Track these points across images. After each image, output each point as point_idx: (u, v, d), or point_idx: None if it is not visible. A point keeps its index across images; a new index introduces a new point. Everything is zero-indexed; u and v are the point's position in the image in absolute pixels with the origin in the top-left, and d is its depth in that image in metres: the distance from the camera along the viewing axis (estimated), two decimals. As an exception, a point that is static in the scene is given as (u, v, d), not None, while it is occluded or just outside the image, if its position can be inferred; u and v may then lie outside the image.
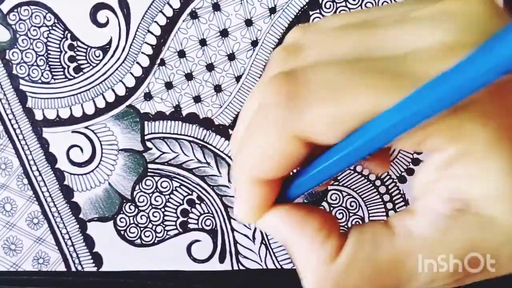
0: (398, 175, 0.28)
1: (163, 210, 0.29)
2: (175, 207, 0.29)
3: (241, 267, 0.29)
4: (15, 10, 0.28)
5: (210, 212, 0.29)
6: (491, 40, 0.11)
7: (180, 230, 0.29)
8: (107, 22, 0.28)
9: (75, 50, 0.28)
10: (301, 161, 0.15)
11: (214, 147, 0.29)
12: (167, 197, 0.29)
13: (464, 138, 0.13)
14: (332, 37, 0.15)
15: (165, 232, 0.29)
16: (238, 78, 0.28)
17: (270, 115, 0.15)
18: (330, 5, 0.27)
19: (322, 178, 0.16)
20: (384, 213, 0.28)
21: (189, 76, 0.28)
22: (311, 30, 0.17)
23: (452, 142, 0.13)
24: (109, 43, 0.28)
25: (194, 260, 0.29)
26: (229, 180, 0.29)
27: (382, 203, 0.28)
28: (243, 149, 0.16)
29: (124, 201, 0.29)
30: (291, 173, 0.16)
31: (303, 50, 0.16)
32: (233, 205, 0.29)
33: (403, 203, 0.28)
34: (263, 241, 0.29)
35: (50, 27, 0.28)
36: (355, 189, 0.29)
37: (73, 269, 0.30)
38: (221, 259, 0.29)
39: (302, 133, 0.14)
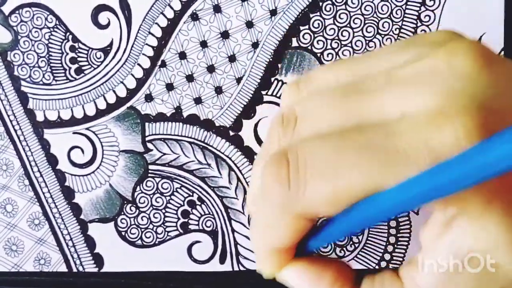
0: (398, 176, 0.28)
1: (163, 211, 0.29)
2: (176, 208, 0.29)
3: (241, 268, 0.29)
4: (17, 12, 0.28)
5: (211, 213, 0.29)
6: (491, 139, 0.12)
7: (181, 231, 0.29)
8: (108, 24, 0.28)
9: (77, 51, 0.29)
10: (309, 229, 0.16)
11: (215, 148, 0.29)
12: (167, 198, 0.29)
13: (459, 202, 0.13)
14: (325, 106, 0.16)
15: (166, 233, 0.29)
16: (238, 80, 0.28)
17: (271, 197, 0.15)
18: (330, 8, 0.27)
19: (332, 239, 0.18)
20: (386, 226, 0.29)
21: (190, 78, 0.28)
22: (304, 94, 0.17)
23: (449, 205, 0.13)
24: (110, 44, 0.28)
25: (195, 261, 0.29)
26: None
27: (382, 204, 0.29)
28: (255, 222, 0.17)
29: (125, 202, 0.29)
30: None
31: (299, 123, 0.16)
32: (234, 206, 0.29)
33: (406, 217, 0.28)
34: (264, 242, 0.29)
35: (52, 29, 0.28)
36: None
37: (74, 269, 0.30)
38: (222, 260, 0.29)
39: (303, 211, 0.15)
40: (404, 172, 0.13)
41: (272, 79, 0.28)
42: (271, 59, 0.28)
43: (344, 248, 0.29)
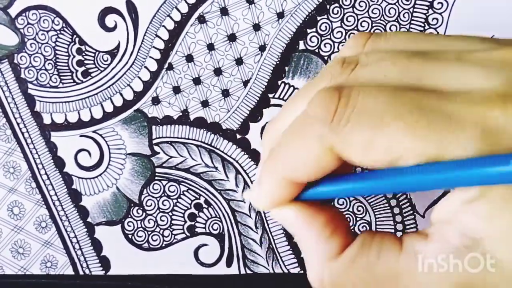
0: (405, 180, 0.28)
1: (170, 214, 0.29)
2: (183, 211, 0.29)
3: (248, 272, 0.29)
4: (23, 14, 0.28)
5: (218, 216, 0.29)
6: None
7: (188, 234, 0.29)
8: (115, 27, 0.28)
9: (83, 54, 0.28)
10: (330, 172, 0.16)
11: (222, 151, 0.29)
12: (174, 201, 0.29)
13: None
14: (389, 59, 0.16)
15: (173, 236, 0.29)
16: (245, 83, 0.28)
17: (313, 127, 0.16)
18: (337, 10, 0.27)
19: (348, 194, 0.17)
20: (391, 218, 0.29)
21: (197, 81, 0.28)
22: (371, 46, 0.18)
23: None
24: (117, 47, 0.28)
25: (201, 264, 0.29)
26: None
27: (389, 208, 0.29)
28: (281, 148, 0.17)
29: (132, 205, 0.29)
30: None
31: (359, 67, 0.16)
32: (240, 209, 0.29)
33: (410, 208, 0.28)
34: (270, 246, 0.29)
35: (58, 31, 0.28)
36: (362, 194, 0.29)
37: (81, 272, 0.30)
38: (228, 263, 0.29)
39: (339, 149, 0.15)
40: (454, 142, 0.13)
41: (279, 82, 0.28)
42: (278, 62, 0.28)
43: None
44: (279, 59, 0.28)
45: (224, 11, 0.28)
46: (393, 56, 0.16)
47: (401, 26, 0.27)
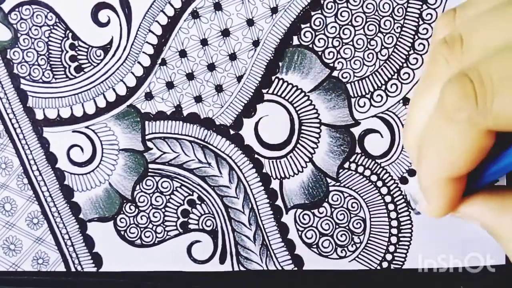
0: (399, 176, 0.28)
1: (163, 210, 0.29)
2: (176, 207, 0.29)
3: (241, 268, 0.29)
4: (17, 10, 0.28)
5: (211, 212, 0.29)
6: None
7: (181, 230, 0.29)
8: (108, 22, 0.28)
9: (76, 49, 0.28)
10: (487, 152, 0.16)
11: (215, 147, 0.29)
12: (167, 197, 0.29)
13: None
14: (494, 21, 0.16)
15: (166, 232, 0.29)
16: (239, 78, 0.28)
17: (457, 114, 0.16)
18: (331, 5, 0.27)
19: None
20: (386, 214, 0.28)
21: (190, 76, 0.28)
22: (462, 16, 0.17)
23: None
24: (110, 42, 0.28)
25: (195, 260, 0.29)
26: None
27: (383, 204, 0.28)
28: (427, 152, 0.17)
29: (125, 201, 0.29)
30: None
31: (465, 40, 0.16)
32: (234, 206, 0.29)
33: (404, 205, 0.28)
34: (264, 242, 0.29)
35: (51, 27, 0.28)
36: (356, 190, 0.28)
37: (73, 269, 0.29)
38: (222, 260, 0.29)
39: (493, 123, 0.15)
40: None
41: (273, 77, 0.28)
42: (272, 58, 0.28)
43: (346, 248, 0.29)
44: (273, 55, 0.28)
45: (217, 6, 0.28)
46: (496, 16, 0.16)
47: (395, 21, 0.27)
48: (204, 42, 0.28)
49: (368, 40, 0.27)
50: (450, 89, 0.16)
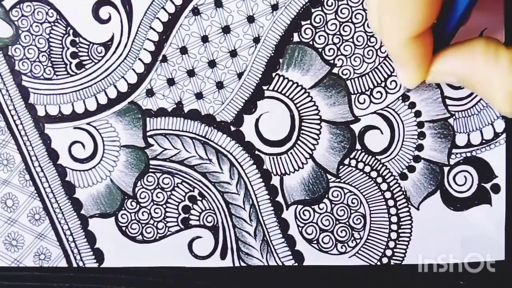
0: (399, 172, 0.28)
1: (164, 206, 0.29)
2: (177, 203, 0.29)
3: (242, 264, 0.29)
4: (18, 6, 0.28)
5: (212, 208, 0.29)
6: None
7: (182, 226, 0.29)
8: (109, 19, 0.28)
9: (77, 46, 0.28)
10: (439, 4, 0.17)
11: (216, 143, 0.29)
12: (168, 193, 0.29)
13: None
14: None
15: (167, 228, 0.29)
16: (240, 75, 0.28)
17: None
18: (332, 2, 0.27)
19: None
20: (386, 210, 0.28)
21: (191, 73, 0.28)
22: None
23: None
24: (111, 39, 0.28)
25: (195, 256, 0.29)
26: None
27: (383, 200, 0.29)
28: (387, 18, 0.18)
29: (126, 197, 0.29)
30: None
31: None
32: (235, 202, 0.29)
33: (404, 200, 0.28)
34: (265, 238, 0.29)
35: (53, 23, 0.28)
36: (356, 186, 0.29)
37: (75, 265, 0.30)
38: (223, 256, 0.29)
39: None
40: None
41: (274, 74, 0.28)
42: (272, 54, 0.28)
43: (346, 244, 0.29)
44: (273, 51, 0.28)
45: (218, 3, 0.28)
46: None
47: (395, 18, 0.27)
48: (205, 39, 0.28)
49: (368, 37, 0.28)
50: None
